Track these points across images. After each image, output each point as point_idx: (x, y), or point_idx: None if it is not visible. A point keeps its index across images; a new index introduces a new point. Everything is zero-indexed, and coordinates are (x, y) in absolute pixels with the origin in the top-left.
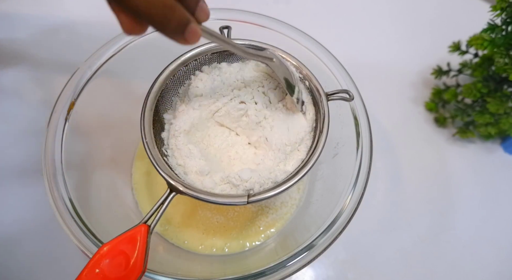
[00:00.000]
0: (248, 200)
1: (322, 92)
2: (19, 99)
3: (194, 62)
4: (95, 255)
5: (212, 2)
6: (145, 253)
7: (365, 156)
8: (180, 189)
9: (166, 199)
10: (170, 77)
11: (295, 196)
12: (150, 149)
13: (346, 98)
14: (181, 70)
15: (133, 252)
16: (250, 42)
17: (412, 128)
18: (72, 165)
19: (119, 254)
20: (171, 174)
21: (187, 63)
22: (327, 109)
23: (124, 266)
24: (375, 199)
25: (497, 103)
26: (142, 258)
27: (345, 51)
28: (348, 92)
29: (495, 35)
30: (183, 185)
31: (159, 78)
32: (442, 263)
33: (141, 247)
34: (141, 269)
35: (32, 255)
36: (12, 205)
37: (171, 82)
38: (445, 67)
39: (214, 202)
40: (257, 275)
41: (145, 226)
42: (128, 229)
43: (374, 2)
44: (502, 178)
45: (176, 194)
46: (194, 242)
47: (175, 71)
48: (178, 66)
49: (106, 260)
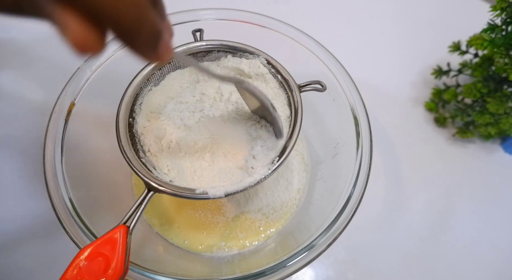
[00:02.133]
0: (225, 192)
1: (294, 84)
2: (19, 99)
3: (168, 66)
4: (74, 259)
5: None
6: (126, 254)
7: (365, 156)
8: (158, 188)
9: (144, 198)
10: (144, 81)
11: (295, 196)
12: (126, 151)
13: (319, 89)
14: (156, 74)
15: (113, 254)
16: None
17: (412, 128)
18: (72, 165)
19: (99, 256)
20: (148, 173)
21: (160, 67)
22: (300, 100)
23: (104, 268)
24: (375, 199)
25: (497, 103)
26: (123, 259)
27: (345, 51)
28: (321, 83)
29: (495, 35)
30: (159, 184)
31: (133, 82)
32: (442, 263)
33: (122, 248)
34: (122, 270)
35: (32, 255)
36: (12, 205)
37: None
38: (445, 67)
39: (193, 197)
40: (257, 275)
41: (124, 227)
42: (107, 231)
43: (374, 2)
44: (502, 178)
45: (154, 193)
46: (194, 242)
47: (149, 75)
48: (152, 70)
49: (86, 263)
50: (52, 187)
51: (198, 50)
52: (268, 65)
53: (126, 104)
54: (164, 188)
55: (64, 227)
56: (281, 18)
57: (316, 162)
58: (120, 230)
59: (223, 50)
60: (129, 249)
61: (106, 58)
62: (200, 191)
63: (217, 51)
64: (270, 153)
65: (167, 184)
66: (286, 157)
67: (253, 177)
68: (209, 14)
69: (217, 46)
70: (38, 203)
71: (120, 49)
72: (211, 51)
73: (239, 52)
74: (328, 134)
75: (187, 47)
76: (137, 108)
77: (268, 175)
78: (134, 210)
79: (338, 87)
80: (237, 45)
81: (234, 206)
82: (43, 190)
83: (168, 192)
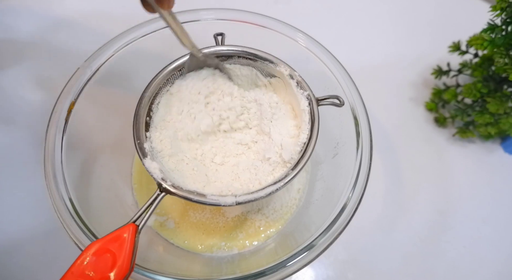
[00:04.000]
0: (236, 201)
1: (313, 98)
2: (19, 99)
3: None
4: (82, 254)
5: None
6: (133, 252)
7: (365, 156)
8: (170, 190)
9: (155, 199)
10: (164, 81)
11: (295, 196)
12: (141, 150)
13: (336, 103)
14: (175, 75)
15: (120, 251)
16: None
17: (412, 128)
18: (72, 165)
19: (106, 253)
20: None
21: (180, 68)
22: (317, 114)
23: (111, 264)
24: (375, 199)
25: (497, 103)
26: (130, 257)
27: (345, 51)
28: (339, 98)
29: (495, 35)
30: (173, 186)
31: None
32: (442, 263)
33: (129, 246)
34: (128, 268)
35: (32, 255)
36: (12, 205)
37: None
38: (445, 67)
39: (204, 202)
40: (257, 275)
41: (134, 226)
42: (116, 228)
43: (374, 2)
44: (502, 178)
45: (166, 194)
46: (194, 242)
47: (169, 75)
48: (171, 70)
49: (93, 258)
50: (52, 187)
51: (219, 54)
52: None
53: (145, 103)
54: (176, 190)
55: (64, 227)
56: (281, 18)
57: (316, 162)
58: (129, 229)
59: (243, 56)
60: (136, 248)
61: (106, 58)
62: (211, 197)
63: (238, 57)
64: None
65: (179, 187)
66: (300, 170)
67: (265, 190)
68: (209, 14)
69: (238, 52)
70: (38, 203)
71: (120, 49)
72: (232, 56)
73: (260, 60)
74: (328, 134)
75: (208, 51)
76: (155, 107)
77: (281, 187)
78: (145, 209)
79: (338, 87)
80: (258, 53)
81: (234, 206)
82: (43, 190)
83: (179, 195)
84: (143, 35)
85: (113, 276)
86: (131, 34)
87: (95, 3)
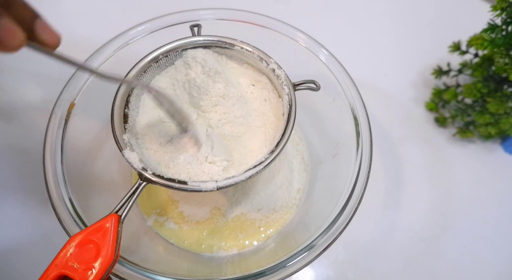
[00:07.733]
0: (217, 186)
1: (289, 82)
2: (19, 99)
3: (164, 59)
4: (65, 246)
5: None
6: (116, 242)
7: (365, 156)
8: (151, 178)
9: (137, 188)
10: (141, 74)
11: (295, 196)
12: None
13: (313, 88)
14: (153, 66)
15: (103, 241)
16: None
17: (412, 128)
18: (72, 165)
19: (89, 243)
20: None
21: (157, 60)
22: (294, 98)
23: (94, 255)
24: (375, 199)
25: (497, 103)
26: (114, 246)
27: (345, 51)
28: (315, 83)
29: (495, 35)
30: (153, 174)
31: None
32: (442, 263)
33: (113, 236)
34: (112, 257)
35: (32, 256)
36: (12, 204)
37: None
38: (445, 67)
39: (185, 189)
40: (257, 275)
41: (116, 216)
42: (98, 220)
43: (374, 2)
44: (502, 178)
45: (148, 183)
46: (194, 242)
47: (145, 68)
48: (148, 63)
49: (76, 250)
50: (52, 187)
51: (196, 44)
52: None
53: (122, 95)
54: (157, 178)
55: (64, 227)
56: (281, 18)
57: (316, 162)
58: (111, 219)
59: (220, 46)
60: (120, 237)
61: (106, 58)
62: (192, 184)
63: (215, 46)
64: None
65: (159, 176)
66: (278, 154)
67: (245, 174)
68: (209, 14)
69: (214, 42)
70: (38, 203)
71: (120, 49)
72: (209, 46)
73: (236, 49)
74: (328, 134)
75: (184, 42)
76: (133, 98)
77: (261, 170)
78: (127, 199)
79: (338, 87)
80: (234, 42)
81: (234, 206)
82: (43, 190)
83: (161, 183)
84: (143, 35)
85: (97, 265)
86: (131, 34)
87: (95, 3)
